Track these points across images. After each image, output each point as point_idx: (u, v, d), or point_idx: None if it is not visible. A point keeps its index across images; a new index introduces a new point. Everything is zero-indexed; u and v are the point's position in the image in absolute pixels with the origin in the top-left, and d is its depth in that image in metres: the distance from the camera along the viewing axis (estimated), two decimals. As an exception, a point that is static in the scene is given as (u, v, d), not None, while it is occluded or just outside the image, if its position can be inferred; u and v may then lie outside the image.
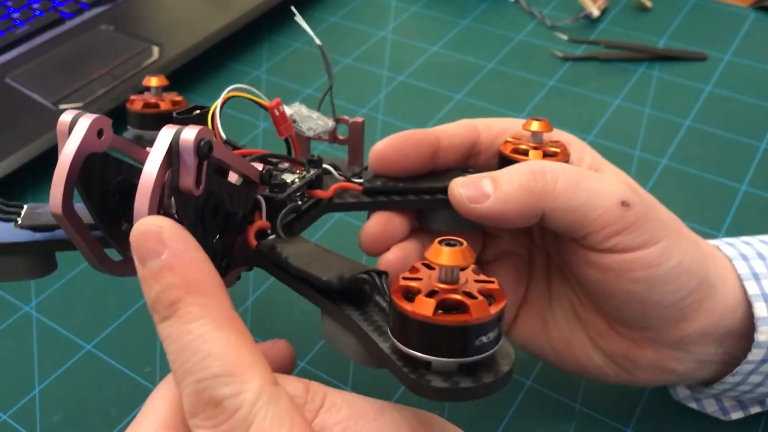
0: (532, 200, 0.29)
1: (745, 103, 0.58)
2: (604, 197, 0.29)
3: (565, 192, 0.29)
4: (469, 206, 0.30)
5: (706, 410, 0.37)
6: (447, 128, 0.33)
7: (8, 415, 0.39)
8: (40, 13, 0.64)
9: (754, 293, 0.31)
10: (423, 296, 0.21)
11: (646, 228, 0.29)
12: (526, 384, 0.40)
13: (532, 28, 0.67)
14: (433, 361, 0.21)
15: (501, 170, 0.30)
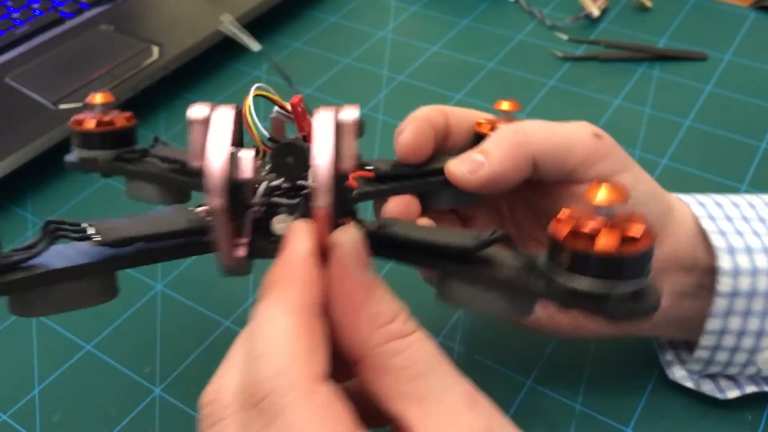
0: (521, 151, 0.32)
1: (745, 103, 0.58)
2: (580, 133, 0.33)
3: (546, 136, 0.33)
4: (470, 177, 0.32)
5: (701, 389, 0.38)
6: (430, 115, 0.35)
7: (8, 415, 0.39)
8: (39, 13, 0.64)
9: (711, 228, 0.34)
10: (604, 233, 0.23)
11: (619, 156, 0.34)
12: (526, 384, 0.40)
13: (532, 28, 0.67)
14: (614, 289, 0.23)
15: (485, 140, 0.33)
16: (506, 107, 0.35)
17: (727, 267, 0.33)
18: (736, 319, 0.34)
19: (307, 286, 0.23)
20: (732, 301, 0.34)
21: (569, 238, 0.24)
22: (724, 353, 0.35)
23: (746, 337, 0.35)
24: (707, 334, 0.35)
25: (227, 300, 0.44)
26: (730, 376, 0.38)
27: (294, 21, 0.69)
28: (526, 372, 0.40)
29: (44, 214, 0.50)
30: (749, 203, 0.37)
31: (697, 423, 0.38)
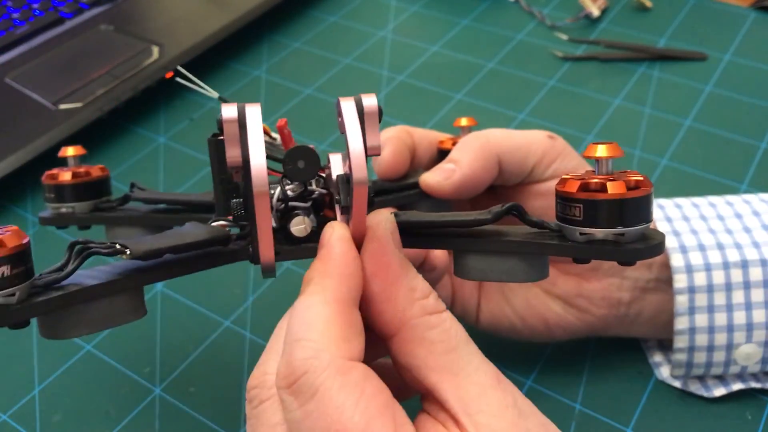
0: (487, 153, 0.35)
1: (745, 103, 0.58)
2: (535, 134, 0.36)
3: (506, 138, 0.36)
4: (444, 184, 0.35)
5: (689, 388, 0.38)
6: (400, 135, 0.37)
7: (8, 415, 0.39)
8: (39, 13, 0.64)
9: (664, 230, 0.37)
10: (611, 182, 0.25)
11: (572, 156, 0.36)
12: (526, 384, 0.40)
13: (532, 28, 0.67)
14: (627, 231, 0.25)
15: (452, 152, 0.36)
16: (465, 123, 0.38)
17: (679, 264, 0.35)
18: (702, 316, 0.35)
19: (344, 279, 0.24)
20: (692, 297, 0.35)
21: (580, 192, 0.26)
22: (701, 353, 0.36)
23: (717, 333, 0.36)
24: (678, 335, 0.36)
25: (227, 300, 0.44)
26: (717, 375, 0.38)
27: (294, 21, 0.69)
28: (526, 372, 0.40)
29: (44, 214, 0.50)
30: (710, 203, 0.39)
31: (697, 423, 0.38)
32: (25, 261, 0.24)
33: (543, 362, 0.40)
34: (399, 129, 0.38)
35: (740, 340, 0.36)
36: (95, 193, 0.36)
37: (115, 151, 0.55)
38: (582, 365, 0.40)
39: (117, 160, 0.55)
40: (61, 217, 0.36)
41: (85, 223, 0.36)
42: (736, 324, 0.35)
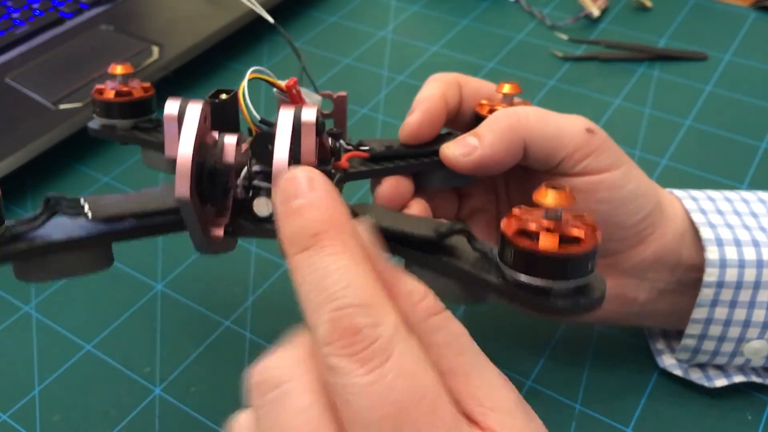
0: (513, 135, 0.33)
1: (745, 103, 0.58)
2: (573, 125, 0.34)
3: (539, 124, 0.33)
4: (462, 160, 0.33)
5: (690, 377, 0.38)
6: (446, 91, 0.36)
7: (8, 415, 0.39)
8: (39, 13, 0.64)
9: (700, 221, 0.35)
10: (545, 234, 0.24)
11: (609, 153, 0.34)
12: (526, 384, 0.40)
13: (532, 28, 0.67)
14: (555, 286, 0.25)
15: (481, 124, 0.34)
16: (507, 90, 0.36)
17: (714, 258, 0.34)
18: (723, 309, 0.35)
19: (357, 235, 0.23)
20: (718, 291, 0.35)
21: (516, 236, 0.25)
22: (711, 342, 0.36)
23: (732, 326, 0.35)
24: (693, 323, 0.35)
25: (227, 300, 0.44)
26: (718, 365, 0.38)
27: (294, 21, 0.69)
28: (525, 372, 0.40)
29: (44, 214, 0.50)
30: (743, 199, 0.38)
31: (697, 423, 0.38)
32: None
33: (543, 362, 0.40)
34: (447, 81, 0.36)
35: (753, 336, 0.36)
36: (136, 112, 0.38)
37: (116, 151, 0.55)
38: (582, 365, 0.40)
39: (117, 160, 0.55)
40: (105, 129, 0.38)
41: (124, 141, 0.38)
42: (753, 320, 0.35)
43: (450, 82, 0.36)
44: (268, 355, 0.24)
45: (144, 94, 0.38)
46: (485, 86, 0.37)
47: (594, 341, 0.41)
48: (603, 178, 0.33)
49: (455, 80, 0.37)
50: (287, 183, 0.24)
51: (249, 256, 0.46)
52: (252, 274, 0.46)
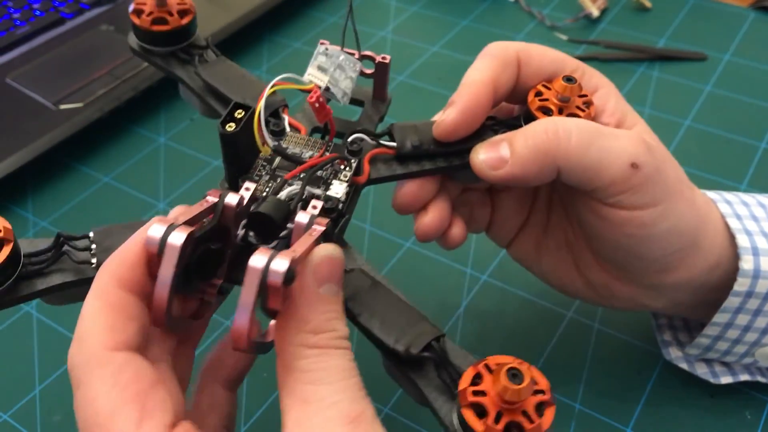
0: (547, 160, 0.30)
1: (745, 103, 0.58)
2: (617, 156, 0.30)
3: (578, 150, 0.30)
4: (490, 173, 0.31)
5: (696, 372, 0.38)
6: (499, 77, 0.33)
7: (9, 415, 0.39)
8: (40, 14, 0.64)
9: (736, 227, 0.33)
10: (491, 421, 0.24)
11: (649, 191, 0.31)
12: (525, 384, 0.40)
13: (531, 28, 0.67)
14: None
15: (517, 132, 0.31)
16: (562, 91, 0.32)
17: (748, 268, 0.32)
18: (745, 316, 0.34)
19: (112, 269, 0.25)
20: (746, 300, 0.33)
21: (463, 398, 0.24)
22: (725, 343, 0.35)
23: (751, 332, 0.35)
24: (713, 325, 0.34)
25: (227, 300, 0.44)
26: (725, 362, 0.38)
27: (294, 21, 0.69)
28: (525, 372, 0.40)
29: (45, 215, 0.50)
30: None
31: (696, 422, 0.38)
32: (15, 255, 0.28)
33: (542, 362, 0.41)
34: (501, 63, 0.32)
35: (767, 340, 0.35)
36: (172, 41, 0.38)
37: (116, 151, 0.55)
38: (582, 365, 0.40)
39: (117, 160, 0.55)
40: (142, 52, 0.38)
41: (159, 68, 0.38)
42: None
43: (507, 62, 0.33)
44: None
45: (180, 21, 0.37)
46: (552, 62, 0.34)
47: (594, 341, 0.41)
48: (635, 215, 0.31)
49: (514, 58, 0.33)
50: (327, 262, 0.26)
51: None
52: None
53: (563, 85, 0.32)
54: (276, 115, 0.34)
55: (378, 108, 0.36)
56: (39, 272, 0.29)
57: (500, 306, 0.44)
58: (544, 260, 0.38)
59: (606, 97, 0.34)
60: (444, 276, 0.45)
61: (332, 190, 0.31)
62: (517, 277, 0.45)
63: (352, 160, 0.32)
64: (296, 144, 0.33)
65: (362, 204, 0.50)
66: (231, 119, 0.30)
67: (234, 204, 0.26)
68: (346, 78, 0.33)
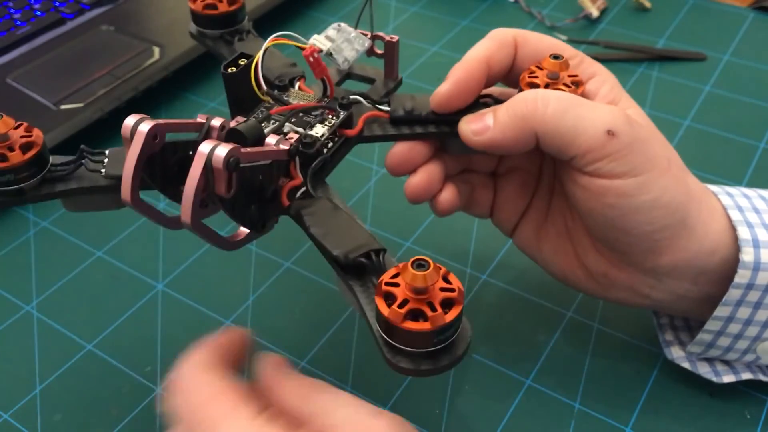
0: (524, 125, 0.32)
1: (744, 103, 0.58)
2: (591, 124, 0.31)
3: (554, 116, 0.31)
4: (473, 138, 0.33)
5: (698, 371, 0.38)
6: (494, 55, 0.35)
7: (9, 415, 0.39)
8: (41, 14, 0.64)
9: (737, 219, 0.33)
10: (396, 306, 0.26)
11: (628, 160, 0.31)
12: (525, 383, 0.40)
13: (531, 28, 0.67)
14: (402, 349, 0.26)
15: (503, 104, 0.33)
16: (551, 67, 0.34)
17: (749, 260, 0.32)
18: (746, 309, 0.34)
19: None
20: (746, 292, 0.33)
21: (378, 289, 0.27)
22: (727, 338, 0.35)
23: (752, 326, 0.34)
24: (714, 320, 0.34)
25: (227, 299, 0.44)
26: (727, 361, 0.38)
27: (294, 21, 0.69)
28: (525, 371, 0.40)
29: (46, 215, 0.50)
30: None
31: (696, 422, 0.38)
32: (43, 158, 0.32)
33: (542, 362, 0.41)
34: (497, 44, 0.35)
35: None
36: (222, 24, 0.41)
37: (116, 152, 0.56)
38: (581, 365, 0.40)
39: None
40: (198, 35, 0.42)
41: (211, 51, 0.42)
42: None
43: (504, 43, 0.35)
44: None
45: (229, 7, 0.40)
46: (549, 48, 0.35)
47: (593, 341, 0.41)
48: (613, 184, 0.31)
49: (511, 40, 0.35)
50: None
51: (249, 256, 0.47)
52: (252, 274, 0.46)
53: (551, 62, 0.34)
54: (292, 83, 0.37)
55: (388, 86, 0.38)
56: (60, 178, 0.32)
57: (500, 306, 0.44)
58: (544, 248, 0.38)
59: (600, 83, 0.35)
60: (444, 276, 0.45)
61: (314, 129, 0.34)
62: (517, 277, 0.45)
63: (340, 112, 0.35)
64: (297, 98, 0.36)
65: (362, 204, 0.50)
66: (234, 64, 0.35)
67: (218, 126, 0.30)
68: (352, 49, 0.35)
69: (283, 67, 0.37)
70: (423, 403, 0.39)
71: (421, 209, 0.42)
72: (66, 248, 0.48)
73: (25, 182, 0.32)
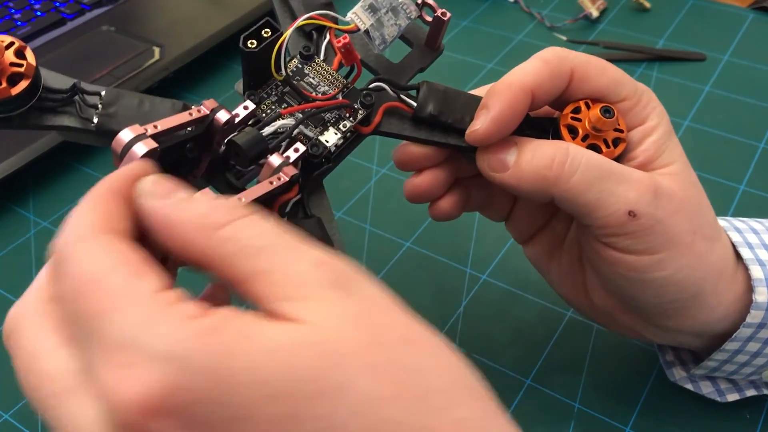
0: (543, 186, 0.30)
1: (744, 104, 0.58)
2: (614, 201, 0.29)
3: (577, 187, 0.29)
4: (488, 173, 0.31)
5: (701, 391, 0.37)
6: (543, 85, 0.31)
7: (9, 414, 0.39)
8: (41, 14, 0.64)
9: (749, 257, 0.32)
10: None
11: (646, 240, 0.29)
12: (525, 383, 0.40)
13: (531, 28, 0.68)
14: None
15: (531, 144, 0.30)
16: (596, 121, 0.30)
17: (762, 300, 0.31)
18: (756, 344, 0.33)
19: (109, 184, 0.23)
20: (757, 331, 0.32)
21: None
22: (732, 365, 0.35)
23: (760, 357, 0.34)
24: (721, 351, 0.34)
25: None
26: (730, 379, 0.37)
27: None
28: (525, 371, 0.40)
29: (46, 215, 0.51)
30: None
31: (696, 422, 0.38)
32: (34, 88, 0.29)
33: (542, 362, 0.41)
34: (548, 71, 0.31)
35: None
36: None
37: (117, 152, 0.56)
38: (581, 364, 0.40)
39: (118, 161, 0.55)
40: None
41: None
42: None
43: (558, 73, 0.31)
44: None
45: None
46: (610, 83, 0.31)
47: (593, 340, 0.41)
48: (628, 258, 0.30)
49: (568, 71, 0.31)
50: None
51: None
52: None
53: (598, 117, 0.30)
54: (320, 30, 0.33)
55: (424, 56, 0.34)
56: (51, 109, 0.30)
57: (500, 306, 0.44)
58: (554, 270, 0.37)
59: (648, 132, 0.31)
60: (444, 276, 0.45)
61: (325, 135, 0.30)
62: (517, 277, 0.45)
63: (359, 111, 0.31)
64: (318, 75, 0.32)
65: (362, 204, 0.50)
66: (256, 36, 0.31)
67: (222, 122, 0.27)
68: (394, 25, 0.31)
69: None
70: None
71: (421, 209, 0.42)
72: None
73: (10, 112, 0.29)
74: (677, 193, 0.30)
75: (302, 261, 0.21)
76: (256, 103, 0.30)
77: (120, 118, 0.30)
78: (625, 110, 0.31)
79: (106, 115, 0.30)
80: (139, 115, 0.30)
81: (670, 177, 0.31)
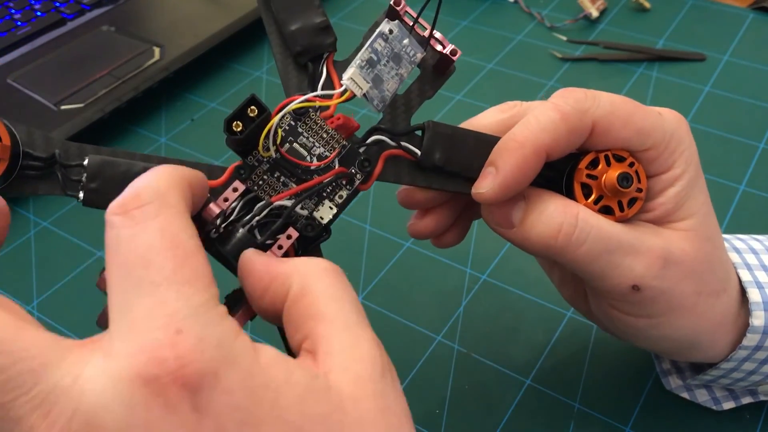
0: (548, 251, 0.29)
1: (744, 104, 0.58)
2: (619, 275, 0.28)
3: (584, 259, 0.28)
4: (493, 226, 0.31)
5: (697, 400, 0.37)
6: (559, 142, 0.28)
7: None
8: (41, 14, 0.64)
9: (747, 279, 0.32)
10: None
11: (646, 309, 0.29)
12: (525, 383, 0.40)
13: (531, 28, 0.68)
14: None
15: (539, 202, 0.29)
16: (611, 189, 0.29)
17: (759, 324, 0.31)
18: (751, 364, 0.33)
19: None
20: (753, 353, 0.32)
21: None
22: (728, 380, 0.35)
23: (755, 375, 0.34)
24: (716, 369, 0.34)
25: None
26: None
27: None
28: (525, 371, 0.40)
29: (46, 215, 0.51)
30: None
31: (696, 422, 0.38)
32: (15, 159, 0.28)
33: (542, 362, 0.41)
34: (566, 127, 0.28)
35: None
36: None
37: (117, 152, 0.56)
38: (581, 365, 0.40)
39: (118, 161, 0.55)
40: None
41: None
42: None
43: (577, 129, 0.28)
44: None
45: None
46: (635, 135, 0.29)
47: (593, 340, 0.42)
48: (623, 318, 0.31)
49: (588, 126, 0.28)
50: None
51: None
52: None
53: (614, 186, 0.29)
54: (317, 60, 0.32)
55: (430, 84, 0.31)
56: (34, 177, 0.28)
57: (500, 306, 0.44)
58: (555, 275, 0.37)
59: (671, 181, 0.29)
60: (444, 276, 0.45)
61: (320, 212, 0.29)
62: (517, 277, 0.45)
63: (357, 176, 0.29)
64: (313, 134, 0.29)
65: (362, 204, 0.50)
66: (240, 117, 0.28)
67: (214, 215, 0.27)
68: (395, 75, 0.29)
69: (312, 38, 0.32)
70: (423, 403, 0.39)
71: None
72: (66, 248, 0.48)
73: None
74: (688, 255, 0.29)
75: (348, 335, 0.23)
76: (246, 178, 0.29)
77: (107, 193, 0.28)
78: (650, 159, 0.29)
79: (91, 192, 0.28)
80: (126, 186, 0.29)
81: (684, 235, 0.29)
